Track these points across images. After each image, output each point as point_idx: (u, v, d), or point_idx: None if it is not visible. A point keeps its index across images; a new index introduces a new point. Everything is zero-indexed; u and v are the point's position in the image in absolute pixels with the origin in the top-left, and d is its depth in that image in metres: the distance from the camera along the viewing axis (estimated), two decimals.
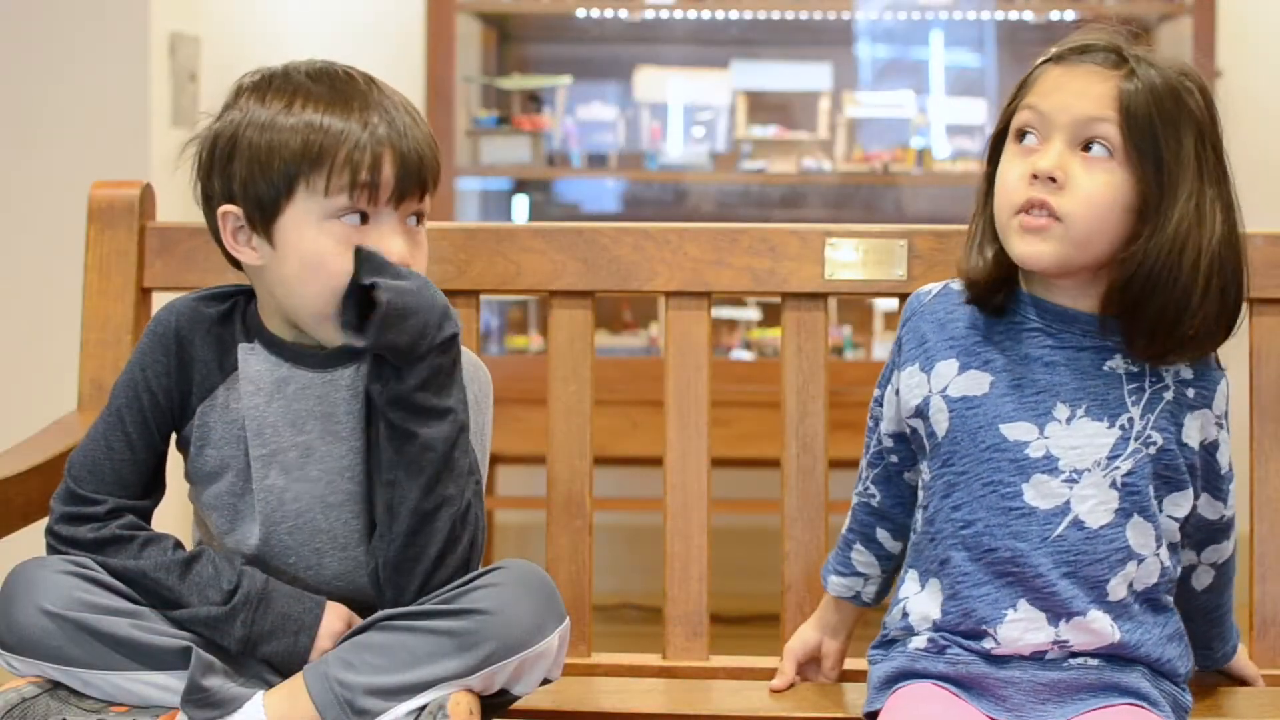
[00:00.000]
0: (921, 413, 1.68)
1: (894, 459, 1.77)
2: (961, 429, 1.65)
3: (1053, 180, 1.59)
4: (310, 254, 1.63)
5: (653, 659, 1.96)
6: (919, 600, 1.67)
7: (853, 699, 1.82)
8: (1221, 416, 1.68)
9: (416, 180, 1.65)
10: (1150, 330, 1.61)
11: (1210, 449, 1.67)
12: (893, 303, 2.03)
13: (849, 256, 1.96)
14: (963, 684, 1.63)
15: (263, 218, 1.64)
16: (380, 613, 1.61)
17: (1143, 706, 1.60)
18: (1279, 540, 1.91)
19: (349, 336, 1.61)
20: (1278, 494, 1.91)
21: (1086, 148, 1.60)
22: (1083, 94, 1.60)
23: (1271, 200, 4.52)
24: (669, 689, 1.90)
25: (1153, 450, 1.63)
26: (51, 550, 1.68)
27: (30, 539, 1.77)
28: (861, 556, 1.82)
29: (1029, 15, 4.53)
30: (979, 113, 4.63)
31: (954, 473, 1.65)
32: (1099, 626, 1.62)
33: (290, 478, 1.68)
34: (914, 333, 1.71)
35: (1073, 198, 1.59)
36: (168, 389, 1.71)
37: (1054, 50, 1.65)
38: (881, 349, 4.43)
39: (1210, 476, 1.68)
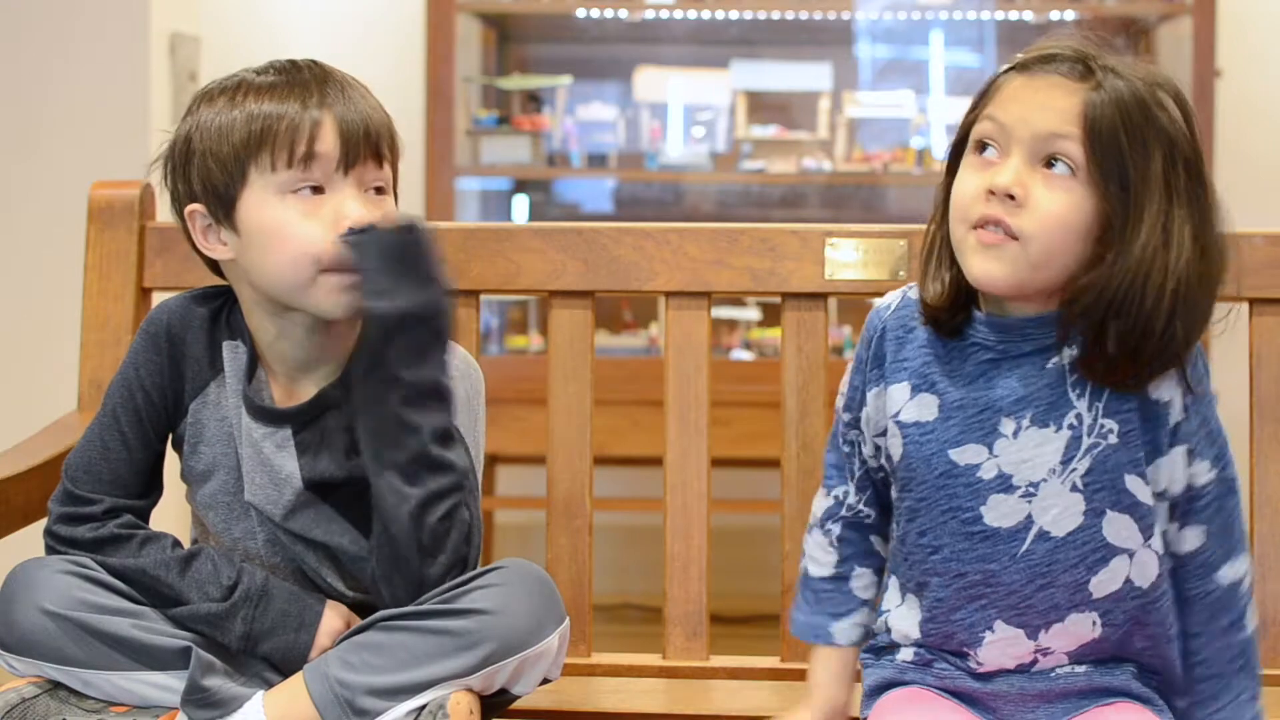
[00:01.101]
0: (882, 436, 1.63)
1: (880, 477, 1.67)
2: (916, 455, 1.59)
3: (1011, 197, 1.50)
4: (271, 227, 1.64)
5: (653, 659, 1.96)
6: (899, 616, 1.63)
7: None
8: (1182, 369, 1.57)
9: (362, 146, 1.64)
10: (1110, 357, 1.52)
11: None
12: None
13: (849, 256, 1.96)
14: (952, 694, 1.61)
15: (224, 209, 1.66)
16: (380, 612, 1.61)
17: (1137, 703, 1.58)
18: (1279, 540, 1.91)
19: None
20: (1278, 494, 1.91)
21: (1049, 164, 1.51)
22: (1045, 107, 1.51)
23: (1272, 200, 4.53)
24: (669, 689, 1.90)
25: (1113, 439, 1.55)
26: (50, 551, 1.68)
27: (30, 539, 1.77)
28: (862, 579, 1.68)
29: (1029, 15, 4.53)
30: None
31: (914, 498, 1.60)
32: (1078, 629, 1.57)
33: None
34: (877, 354, 1.64)
35: (1031, 217, 1.50)
36: (161, 387, 1.71)
37: (1019, 57, 1.56)
38: None
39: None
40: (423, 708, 1.58)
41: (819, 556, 1.69)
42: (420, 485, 1.60)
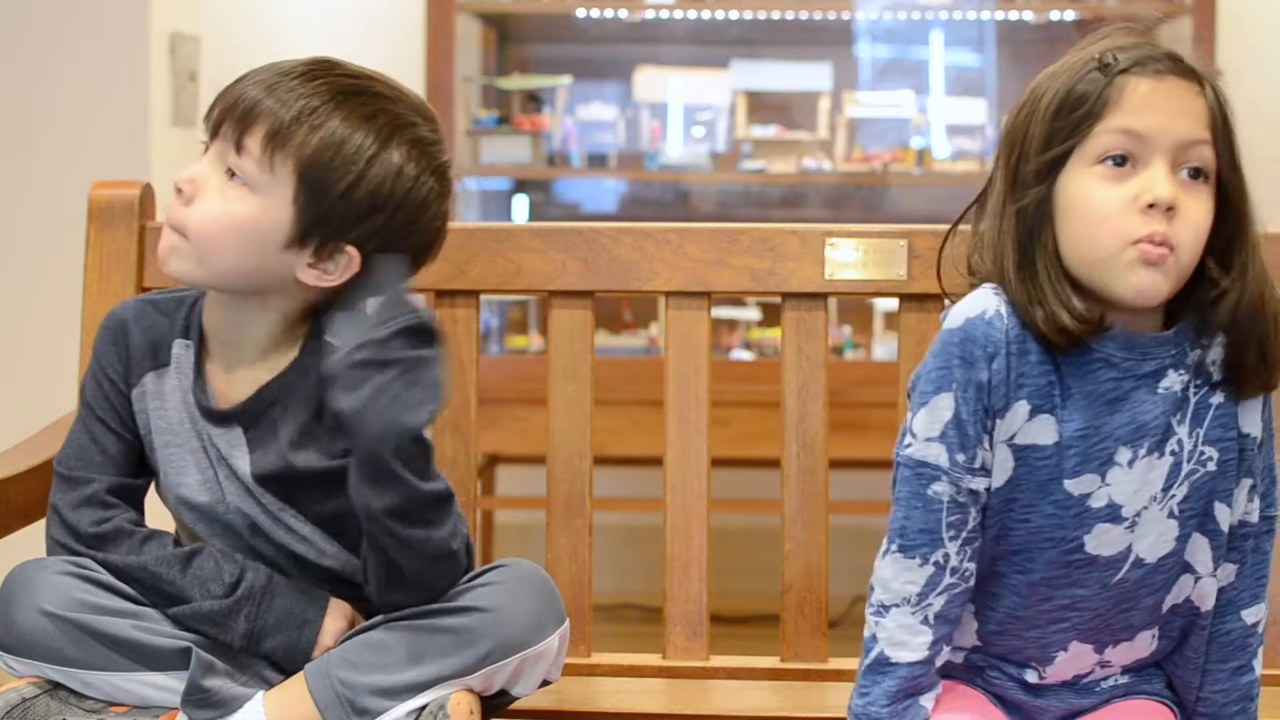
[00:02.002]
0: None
1: (980, 519, 1.54)
2: (1028, 480, 1.51)
3: (1169, 209, 1.46)
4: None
5: (653, 659, 1.96)
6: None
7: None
8: (1267, 397, 1.57)
9: (226, 116, 1.61)
10: (1252, 364, 1.51)
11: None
12: (893, 303, 2.03)
13: (849, 256, 1.96)
14: (1000, 701, 1.58)
15: None
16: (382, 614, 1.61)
17: (1159, 700, 1.58)
18: (1279, 540, 1.91)
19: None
20: (1278, 495, 1.91)
21: (1192, 173, 1.49)
22: (1182, 113, 1.49)
23: (1272, 200, 4.53)
24: (669, 689, 1.90)
25: (1211, 467, 1.54)
26: (53, 544, 1.68)
27: (30, 539, 1.77)
28: (944, 656, 1.55)
29: (1029, 15, 4.53)
30: (979, 113, 4.63)
31: (1012, 519, 1.52)
32: (1143, 644, 1.58)
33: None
34: (1005, 373, 1.50)
35: (1185, 227, 1.47)
36: (114, 380, 1.71)
37: (1122, 58, 1.49)
38: (882, 349, 4.43)
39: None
40: (423, 708, 1.58)
41: (906, 639, 1.51)
42: (422, 527, 1.59)
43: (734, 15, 4.62)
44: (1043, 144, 1.50)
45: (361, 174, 1.60)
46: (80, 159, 3.48)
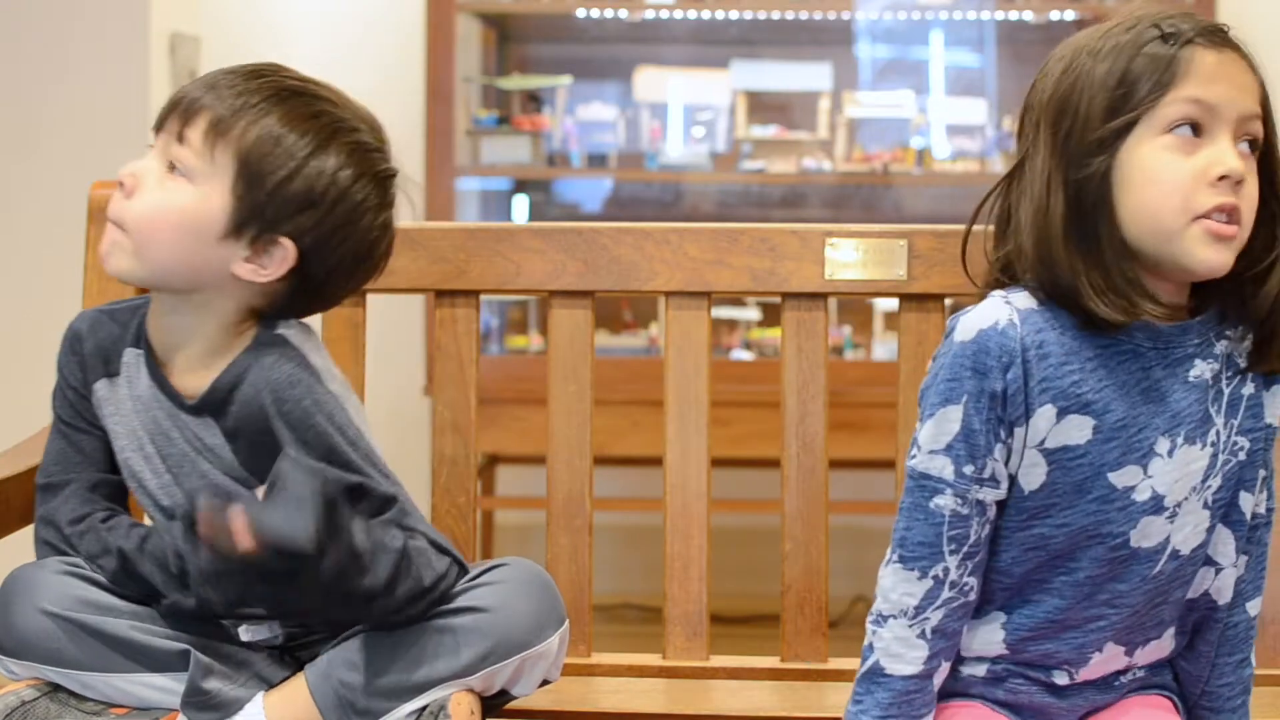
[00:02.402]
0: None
1: (992, 528, 1.51)
2: (1063, 481, 1.48)
3: (1238, 182, 1.45)
4: None
5: (653, 659, 1.96)
6: (979, 635, 1.54)
7: None
8: None
9: (170, 112, 1.63)
10: (1276, 337, 1.50)
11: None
12: (893, 303, 2.03)
13: (849, 256, 1.96)
14: (1017, 709, 1.55)
15: None
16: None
17: (1165, 696, 1.58)
18: (1278, 540, 1.91)
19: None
20: (1277, 495, 1.90)
21: (1249, 146, 1.47)
22: (1244, 87, 1.47)
23: None
24: (669, 689, 1.90)
25: (1241, 456, 1.53)
26: (41, 545, 1.68)
27: (30, 540, 1.77)
28: (943, 674, 1.53)
29: (1029, 15, 4.53)
30: (979, 113, 4.62)
31: (1049, 525, 1.50)
32: (1165, 642, 1.57)
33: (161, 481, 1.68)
34: (1021, 382, 1.47)
35: (1247, 200, 1.46)
36: (75, 387, 1.72)
37: (1184, 28, 1.47)
38: (882, 349, 4.43)
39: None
40: (424, 708, 1.58)
41: (902, 652, 1.50)
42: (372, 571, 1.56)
43: (734, 15, 4.62)
44: (1105, 113, 1.46)
45: (298, 168, 1.61)
46: (80, 159, 3.49)
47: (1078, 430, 1.48)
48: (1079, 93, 1.48)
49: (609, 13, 4.61)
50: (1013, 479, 1.50)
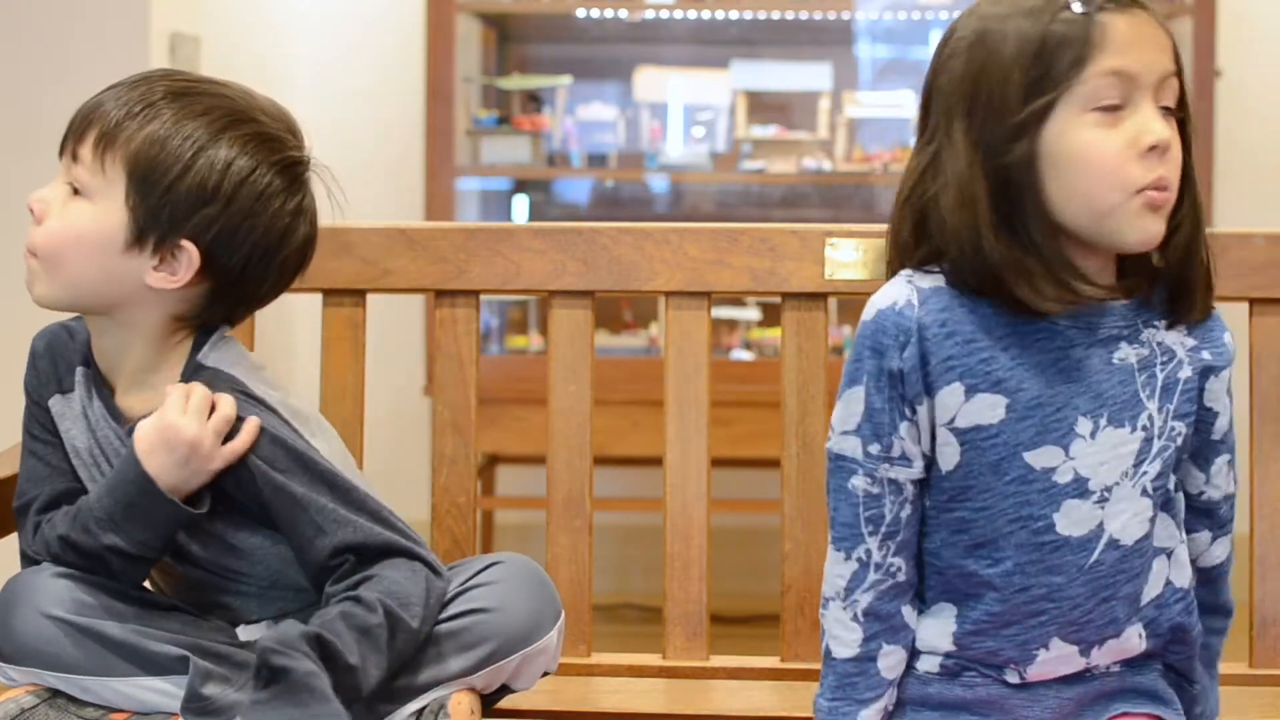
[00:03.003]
0: (930, 442, 1.49)
1: (916, 508, 1.50)
2: (978, 463, 1.46)
3: (1165, 150, 1.41)
4: None
5: (653, 659, 1.96)
6: (927, 627, 1.51)
7: None
8: (1228, 373, 1.53)
9: (67, 132, 1.64)
10: (1194, 288, 1.47)
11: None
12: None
13: (849, 256, 1.96)
14: (977, 709, 1.51)
15: None
16: None
17: (1158, 716, 1.53)
18: (1279, 540, 1.91)
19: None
20: (1277, 494, 1.91)
21: (1166, 109, 1.43)
22: (1161, 47, 1.42)
23: (1272, 200, 4.53)
24: (669, 689, 1.90)
25: (1178, 441, 1.49)
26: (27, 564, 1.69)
27: None
28: (890, 658, 1.50)
29: None
30: None
31: (970, 509, 1.47)
32: (1130, 643, 1.51)
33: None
34: (919, 361, 1.46)
35: (1174, 165, 1.43)
36: (38, 402, 1.72)
37: None
38: None
39: (1203, 444, 1.54)
40: (424, 708, 1.58)
41: (840, 634, 1.50)
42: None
43: (734, 15, 4.62)
44: (1023, 95, 1.42)
45: (187, 166, 1.59)
46: None
47: (989, 409, 1.45)
48: (990, 74, 1.44)
49: (609, 13, 4.61)
50: (932, 459, 1.48)
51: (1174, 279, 1.48)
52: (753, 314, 4.52)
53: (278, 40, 4.44)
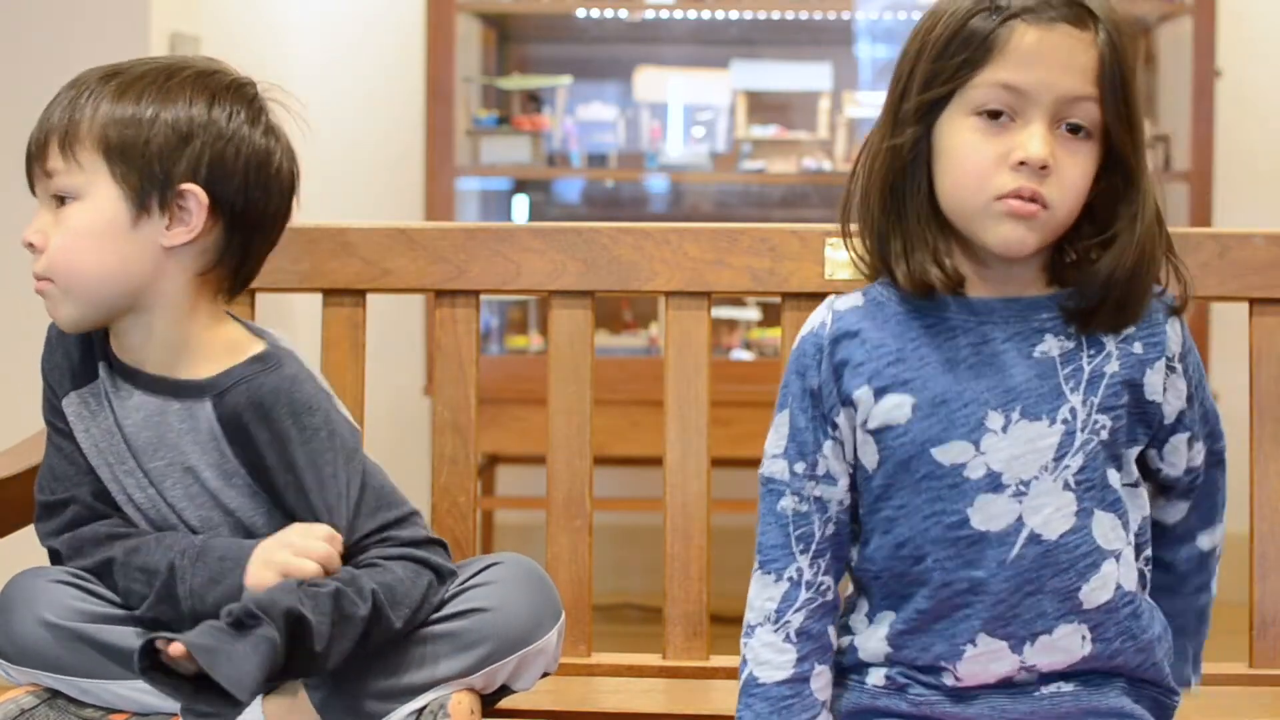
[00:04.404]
0: (854, 452, 1.52)
1: (846, 525, 1.53)
2: (890, 460, 1.48)
3: (1042, 168, 1.42)
4: None
5: (653, 659, 1.96)
6: (868, 636, 1.52)
7: None
8: (1174, 358, 1.51)
9: (34, 160, 1.64)
10: (1119, 304, 1.47)
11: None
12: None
13: (849, 256, 1.95)
14: None
15: None
16: None
17: None
18: (1279, 540, 1.91)
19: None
20: (1277, 494, 1.91)
21: (1071, 128, 1.44)
22: (1067, 67, 1.42)
23: (1272, 200, 4.53)
24: (669, 689, 1.90)
25: (1104, 435, 1.48)
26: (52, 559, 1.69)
27: (30, 540, 1.77)
28: (821, 679, 1.52)
29: None
30: None
31: (891, 507, 1.49)
32: (1067, 643, 1.47)
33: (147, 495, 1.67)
34: (830, 375, 1.50)
35: (1059, 185, 1.43)
36: (56, 392, 1.72)
37: (1015, 1, 1.43)
38: None
39: (1156, 429, 1.52)
40: (423, 708, 1.58)
41: (770, 658, 1.51)
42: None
43: (734, 15, 4.62)
44: (924, 83, 1.47)
45: (154, 118, 1.61)
46: None
47: (897, 409, 1.48)
48: (907, 58, 1.50)
49: (609, 13, 4.61)
50: (857, 464, 1.51)
51: (1101, 290, 1.48)
52: (753, 314, 4.52)
53: (278, 40, 4.44)
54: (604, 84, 4.86)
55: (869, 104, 4.64)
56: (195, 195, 1.61)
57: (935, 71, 1.46)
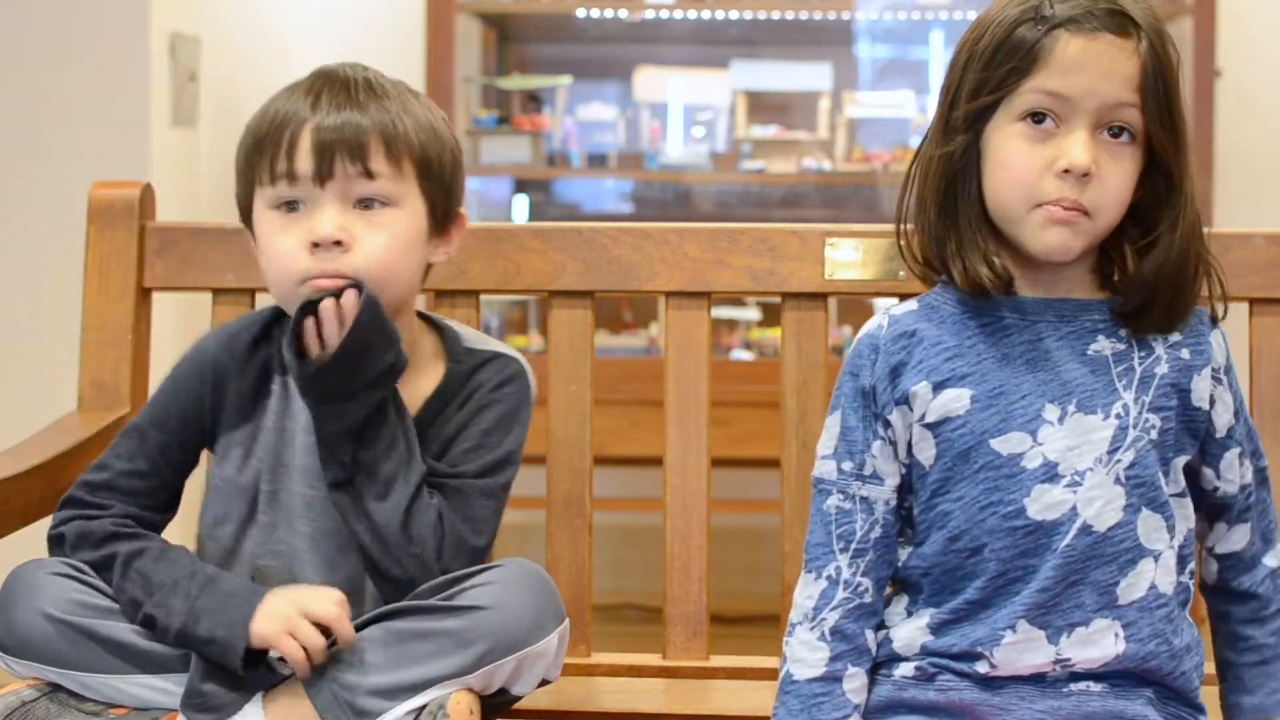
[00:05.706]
0: (908, 450, 1.55)
1: (892, 528, 1.57)
2: (949, 453, 1.52)
3: (1085, 175, 1.47)
4: (262, 242, 1.66)
5: (653, 659, 1.96)
6: (906, 628, 1.55)
7: None
8: (1219, 370, 1.56)
9: (338, 157, 1.62)
10: (1166, 304, 1.52)
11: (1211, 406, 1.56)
12: (893, 303, 2.03)
13: (849, 256, 1.96)
14: (953, 713, 1.52)
15: (244, 216, 1.69)
16: (374, 611, 1.61)
17: None
18: None
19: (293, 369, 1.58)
20: (1277, 495, 1.91)
21: (1114, 132, 1.48)
22: (1109, 75, 1.47)
23: (1272, 200, 4.53)
24: (669, 689, 1.90)
25: (1154, 435, 1.52)
26: (52, 548, 1.68)
27: (30, 540, 1.77)
28: (855, 681, 1.54)
29: None
30: None
31: (948, 500, 1.53)
32: (1101, 638, 1.50)
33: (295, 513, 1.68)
34: (887, 375, 1.55)
35: (1102, 191, 1.48)
36: (200, 415, 1.70)
37: (1055, 12, 1.47)
38: None
39: (1206, 441, 1.56)
40: (423, 708, 1.58)
41: (804, 656, 1.54)
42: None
43: (734, 15, 4.62)
44: (972, 91, 1.51)
45: (445, 135, 1.69)
46: (80, 159, 3.48)
47: (955, 401, 1.52)
48: (956, 67, 1.54)
49: (609, 13, 4.61)
50: (913, 461, 1.55)
51: (1146, 291, 1.53)
52: (753, 314, 4.52)
53: (278, 40, 4.44)
54: (604, 84, 4.86)
55: (869, 104, 4.64)
56: (462, 218, 1.71)
57: (983, 80, 1.51)
